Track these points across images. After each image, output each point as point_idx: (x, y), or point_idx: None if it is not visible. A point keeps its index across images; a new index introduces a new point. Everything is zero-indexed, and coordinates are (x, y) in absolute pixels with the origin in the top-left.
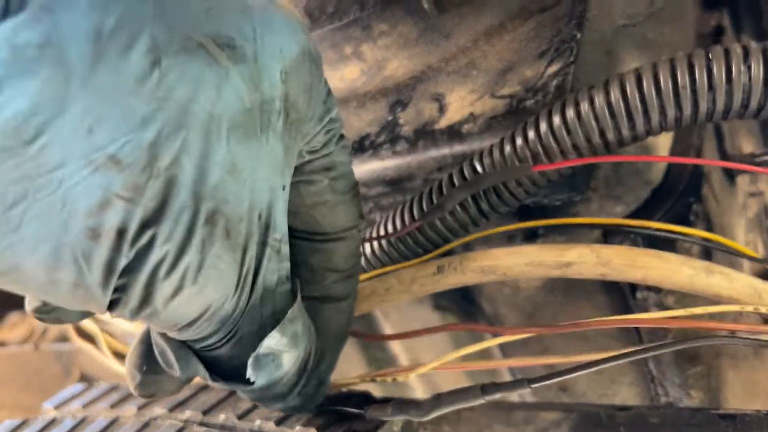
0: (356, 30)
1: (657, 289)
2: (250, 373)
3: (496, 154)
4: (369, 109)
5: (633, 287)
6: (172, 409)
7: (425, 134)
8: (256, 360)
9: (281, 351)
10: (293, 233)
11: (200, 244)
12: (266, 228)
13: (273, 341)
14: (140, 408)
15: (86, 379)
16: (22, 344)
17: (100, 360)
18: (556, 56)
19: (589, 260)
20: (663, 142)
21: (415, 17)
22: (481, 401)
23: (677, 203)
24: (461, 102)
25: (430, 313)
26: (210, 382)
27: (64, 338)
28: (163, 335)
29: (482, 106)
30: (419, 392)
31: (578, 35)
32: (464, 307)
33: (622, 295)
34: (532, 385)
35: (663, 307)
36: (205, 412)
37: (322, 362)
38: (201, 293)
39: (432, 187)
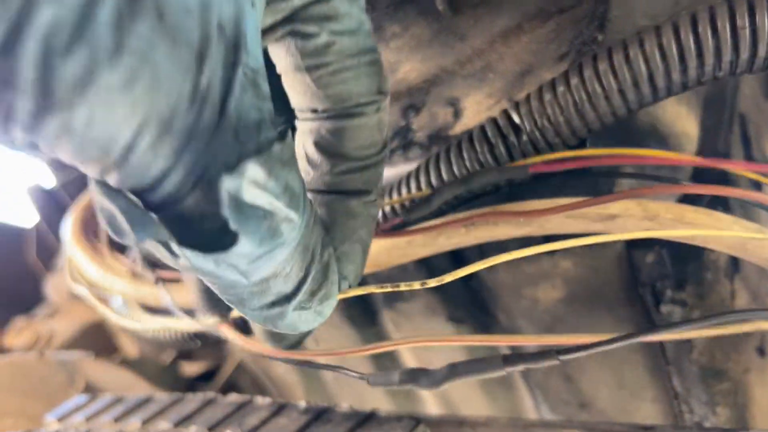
0: None
1: (683, 303)
2: (231, 223)
3: (535, 102)
4: None
5: (657, 301)
6: (177, 424)
7: (440, 140)
8: (238, 203)
9: (273, 205)
10: (289, 112)
11: (113, 14)
12: (235, 46)
13: (256, 174)
14: (144, 422)
15: (91, 389)
16: (27, 351)
17: (105, 369)
18: (577, 59)
19: (634, 213)
20: (688, 149)
21: (428, 18)
22: (501, 372)
23: None
24: (477, 107)
25: (443, 324)
26: (176, 253)
27: (69, 346)
28: (109, 192)
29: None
30: (432, 406)
31: (600, 37)
32: (480, 318)
33: (646, 309)
34: (561, 358)
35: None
36: (211, 428)
37: (329, 270)
38: (129, 89)
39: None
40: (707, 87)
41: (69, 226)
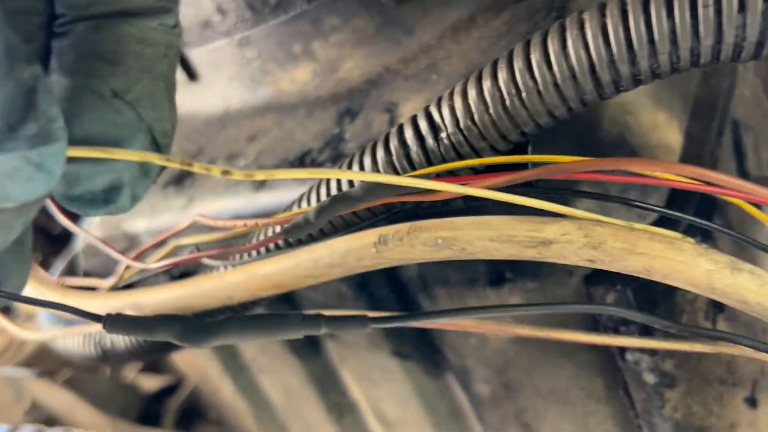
0: (305, 25)
1: (652, 352)
2: None
3: (458, 98)
4: (316, 119)
5: (622, 347)
6: None
7: None
8: None
9: None
10: None
11: None
12: None
13: None
14: None
15: (37, 407)
16: None
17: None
18: None
19: (574, 239)
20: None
21: (370, 9)
22: (298, 335)
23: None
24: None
25: (388, 360)
26: None
27: (38, 355)
28: None
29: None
30: None
31: None
32: (428, 355)
33: (610, 355)
34: (372, 326)
35: (660, 372)
36: None
37: (36, 97)
38: None
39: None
40: (696, 88)
41: None
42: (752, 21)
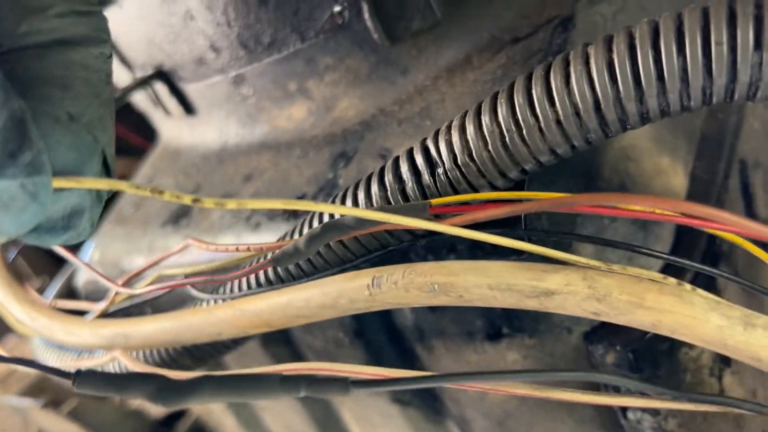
0: (299, 63)
1: (654, 411)
2: None
3: (456, 133)
4: (311, 161)
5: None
6: None
7: None
8: None
9: None
10: None
11: None
12: None
13: None
14: None
15: None
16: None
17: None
18: None
19: (578, 290)
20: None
21: (364, 49)
22: (275, 396)
23: None
24: None
25: (388, 406)
26: None
27: (27, 389)
28: None
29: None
30: None
31: None
32: (428, 402)
33: (611, 411)
34: (354, 390)
35: None
36: None
37: (26, 128)
38: None
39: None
40: (702, 126)
41: None
42: None
